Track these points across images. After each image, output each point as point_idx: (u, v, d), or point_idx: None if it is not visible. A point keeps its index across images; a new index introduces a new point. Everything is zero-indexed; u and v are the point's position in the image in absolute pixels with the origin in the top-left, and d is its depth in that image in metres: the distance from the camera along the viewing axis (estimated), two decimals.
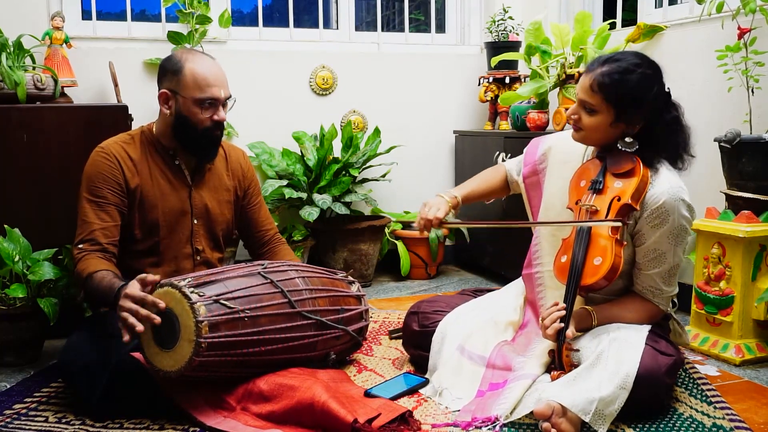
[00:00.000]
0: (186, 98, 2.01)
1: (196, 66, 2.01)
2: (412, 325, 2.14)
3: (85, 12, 3.24)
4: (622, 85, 1.81)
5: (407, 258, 3.41)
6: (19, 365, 2.25)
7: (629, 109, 1.82)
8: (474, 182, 2.22)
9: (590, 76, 1.84)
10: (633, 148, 1.87)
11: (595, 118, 1.85)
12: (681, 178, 1.88)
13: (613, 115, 1.84)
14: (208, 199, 2.17)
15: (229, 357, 1.74)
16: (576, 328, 1.81)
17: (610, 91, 1.81)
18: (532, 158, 2.15)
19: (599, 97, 1.82)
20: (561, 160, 2.06)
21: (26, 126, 2.41)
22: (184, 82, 2.01)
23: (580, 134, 1.91)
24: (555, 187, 2.05)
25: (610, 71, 1.82)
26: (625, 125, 1.86)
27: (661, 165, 1.87)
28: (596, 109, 1.84)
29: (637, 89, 1.81)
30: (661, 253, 1.85)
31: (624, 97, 1.81)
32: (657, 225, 1.82)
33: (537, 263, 2.08)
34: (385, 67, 3.65)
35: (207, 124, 2.04)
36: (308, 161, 3.32)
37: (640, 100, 1.82)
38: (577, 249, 1.82)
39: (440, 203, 2.06)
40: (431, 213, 2.01)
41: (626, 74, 1.81)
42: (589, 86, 1.84)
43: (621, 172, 1.86)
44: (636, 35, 2.95)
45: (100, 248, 1.98)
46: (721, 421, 1.75)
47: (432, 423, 1.76)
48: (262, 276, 1.90)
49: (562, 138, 2.11)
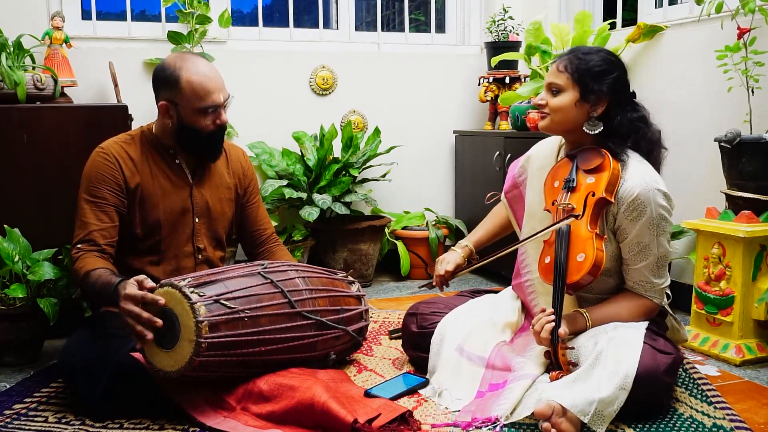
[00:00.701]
0: (187, 108, 2.01)
1: (192, 75, 1.99)
2: (411, 326, 2.14)
3: (85, 12, 3.24)
4: (586, 62, 1.91)
5: (407, 258, 3.40)
6: (19, 365, 2.25)
7: (592, 85, 1.89)
8: (484, 225, 2.30)
9: (558, 61, 1.96)
10: (597, 128, 1.92)
11: (561, 97, 1.92)
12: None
13: (578, 92, 1.90)
14: (209, 197, 2.17)
15: (229, 357, 1.74)
16: (570, 331, 1.81)
17: (574, 69, 1.91)
18: (512, 173, 2.21)
19: (565, 76, 1.92)
20: (537, 167, 2.10)
21: (26, 126, 2.41)
22: (183, 93, 2.00)
23: (546, 120, 1.97)
24: (534, 194, 2.08)
25: (576, 54, 1.94)
26: (589, 106, 1.91)
27: (628, 157, 1.90)
28: (562, 88, 1.92)
29: (599, 65, 1.91)
30: (644, 246, 1.86)
31: (587, 72, 1.90)
32: (635, 218, 1.84)
33: (525, 272, 2.10)
34: (385, 67, 3.65)
35: (210, 128, 2.04)
36: (308, 161, 3.32)
37: (602, 77, 1.90)
38: (558, 248, 1.84)
39: (452, 258, 2.17)
40: (441, 269, 2.14)
41: (589, 54, 1.94)
42: (556, 68, 1.95)
43: (591, 167, 1.89)
44: (636, 35, 2.95)
45: (98, 249, 1.98)
46: (722, 421, 1.75)
47: (432, 423, 1.76)
48: (262, 276, 1.90)
49: (538, 146, 2.17)
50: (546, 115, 1.96)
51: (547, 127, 1.98)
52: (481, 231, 2.28)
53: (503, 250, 2.03)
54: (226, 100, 2.07)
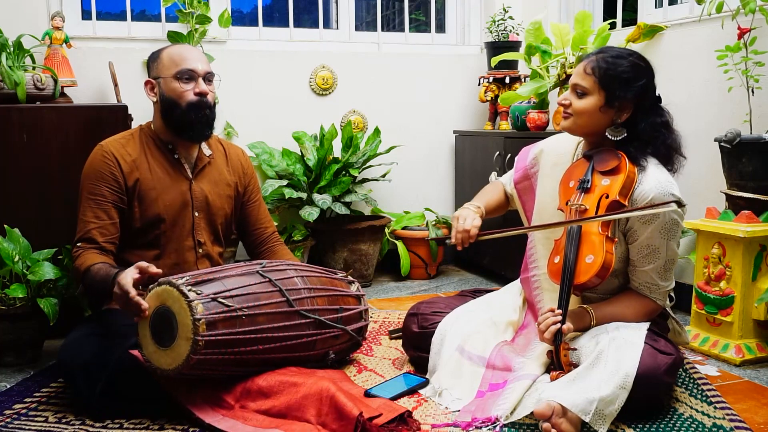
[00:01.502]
0: (165, 78, 2.08)
1: (173, 49, 2.13)
2: (412, 326, 2.14)
3: (85, 12, 3.24)
4: (614, 67, 1.87)
5: (407, 258, 3.40)
6: (19, 365, 2.25)
7: (618, 92, 1.85)
8: (485, 195, 2.19)
9: (585, 62, 1.92)
10: (621, 135, 1.90)
11: (585, 101, 1.89)
12: (680, 176, 1.89)
13: (603, 98, 1.87)
14: (209, 191, 2.18)
15: (226, 355, 1.74)
16: (574, 327, 1.81)
17: (602, 72, 1.87)
18: (523, 164, 2.17)
19: (591, 79, 1.88)
20: (552, 163, 2.08)
21: (26, 126, 2.41)
22: (162, 64, 2.10)
23: (569, 121, 1.93)
24: (547, 189, 2.07)
25: (604, 57, 1.90)
26: (614, 112, 1.89)
27: (647, 162, 1.89)
28: (588, 91, 1.88)
29: (627, 72, 1.87)
30: (654, 249, 1.85)
31: (614, 78, 1.86)
32: (648, 221, 1.83)
33: (533, 266, 2.09)
34: (385, 67, 3.65)
35: (189, 97, 2.07)
36: (308, 161, 3.32)
37: (628, 84, 1.86)
38: (568, 248, 1.83)
39: (471, 214, 2.00)
40: (468, 223, 1.95)
41: (619, 59, 1.89)
42: (582, 69, 1.91)
43: (607, 169, 1.88)
44: (636, 35, 2.95)
45: (97, 246, 2.01)
46: (721, 421, 1.75)
47: (432, 423, 1.75)
48: (261, 275, 1.90)
49: (553, 141, 2.14)
50: (569, 116, 1.93)
51: (569, 128, 1.95)
52: (486, 199, 2.15)
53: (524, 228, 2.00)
54: (208, 74, 2.11)
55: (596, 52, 1.93)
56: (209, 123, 2.13)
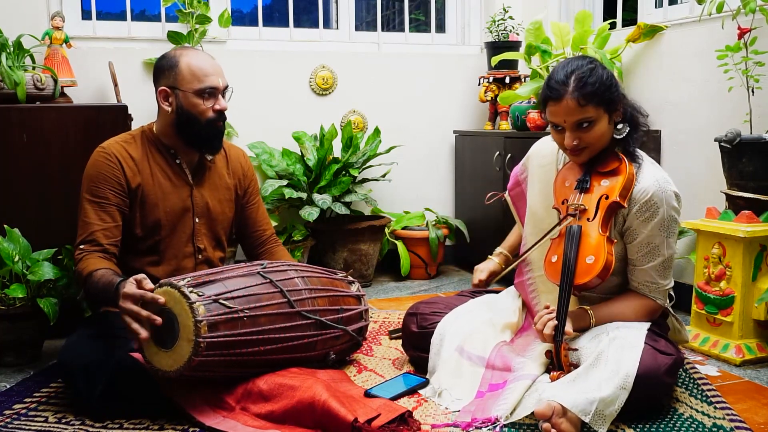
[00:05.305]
0: (186, 91, 2.02)
1: (192, 59, 2.04)
2: (411, 326, 2.14)
3: (85, 12, 3.24)
4: (595, 80, 1.80)
5: (407, 258, 3.40)
6: (19, 365, 2.25)
7: (612, 98, 1.84)
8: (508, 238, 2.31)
9: (568, 99, 1.79)
10: (626, 129, 1.88)
11: (595, 128, 1.83)
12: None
13: (606, 112, 1.84)
14: (209, 197, 2.17)
15: (228, 357, 1.74)
16: (574, 328, 1.81)
17: (598, 97, 1.80)
18: (514, 173, 2.19)
19: (590, 107, 1.80)
20: (538, 165, 2.09)
21: (26, 126, 2.41)
22: (182, 76, 2.02)
23: (585, 153, 1.87)
24: (536, 191, 2.07)
25: (581, 80, 1.79)
26: (614, 116, 1.88)
27: (642, 159, 1.89)
28: (593, 118, 1.82)
29: (603, 76, 1.82)
30: (654, 247, 1.86)
31: (605, 90, 1.81)
32: (647, 218, 1.83)
33: (528, 270, 2.09)
34: (385, 67, 3.65)
35: (209, 114, 2.04)
36: (308, 161, 3.32)
37: (611, 86, 1.83)
38: (568, 248, 1.83)
39: (486, 266, 2.23)
40: (476, 278, 2.21)
41: (593, 71, 1.81)
42: (576, 106, 1.79)
43: (607, 170, 1.88)
44: (636, 35, 2.95)
45: (101, 249, 1.98)
46: (722, 421, 1.75)
47: (432, 423, 1.75)
48: (262, 276, 1.90)
49: (539, 144, 2.14)
50: (583, 149, 1.85)
51: (589, 158, 1.89)
52: (510, 240, 2.28)
53: (526, 252, 2.02)
54: (226, 88, 2.08)
55: (563, 82, 1.80)
56: (222, 134, 2.13)
